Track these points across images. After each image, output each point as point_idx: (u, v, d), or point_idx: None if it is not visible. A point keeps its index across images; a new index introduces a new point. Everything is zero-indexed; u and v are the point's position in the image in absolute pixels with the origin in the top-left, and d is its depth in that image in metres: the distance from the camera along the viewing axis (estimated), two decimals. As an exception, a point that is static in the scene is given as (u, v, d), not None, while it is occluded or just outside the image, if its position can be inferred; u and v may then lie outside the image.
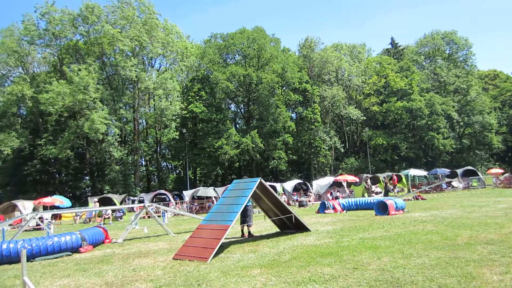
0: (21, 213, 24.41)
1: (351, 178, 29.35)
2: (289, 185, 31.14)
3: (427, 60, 58.91)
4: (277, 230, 11.33)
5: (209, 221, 8.79)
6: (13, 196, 35.72)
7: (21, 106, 43.59)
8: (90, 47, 41.70)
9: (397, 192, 26.13)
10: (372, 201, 16.67)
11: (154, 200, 28.30)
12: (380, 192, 27.29)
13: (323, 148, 47.70)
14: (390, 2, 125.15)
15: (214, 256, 7.40)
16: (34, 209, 24.63)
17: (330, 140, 49.34)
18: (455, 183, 30.92)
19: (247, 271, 6.07)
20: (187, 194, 29.77)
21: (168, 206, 25.22)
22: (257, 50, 44.93)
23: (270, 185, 11.45)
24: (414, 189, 26.89)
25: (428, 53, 58.50)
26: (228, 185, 27.39)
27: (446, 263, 5.64)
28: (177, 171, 57.24)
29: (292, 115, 51.23)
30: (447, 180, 31.08)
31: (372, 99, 54.31)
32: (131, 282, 5.97)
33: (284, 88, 49.78)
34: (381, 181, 29.37)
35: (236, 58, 48.79)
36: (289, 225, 10.86)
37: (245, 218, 10.33)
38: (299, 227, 10.64)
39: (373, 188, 28.24)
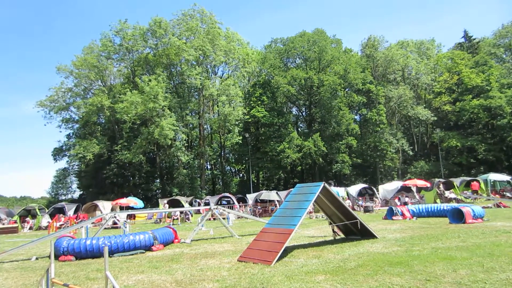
0: (101, 212, 26.68)
1: (421, 182, 27.63)
2: (354, 189, 30.22)
3: (508, 53, 53.57)
4: (342, 235, 11.06)
5: (273, 224, 8.86)
6: (94, 197, 39.12)
7: (100, 116, 47.67)
8: (159, 59, 44.50)
9: (474, 199, 24.05)
10: (445, 208, 15.57)
11: (219, 203, 29.16)
12: (455, 198, 25.34)
13: (390, 151, 45.62)
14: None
15: (278, 260, 7.43)
16: (112, 209, 26.77)
17: (397, 143, 47.00)
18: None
19: (311, 277, 6.01)
20: (251, 197, 30.25)
21: (232, 209, 25.84)
22: (318, 53, 44.44)
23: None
24: (495, 195, 24.55)
25: (508, 45, 53.17)
26: (290, 189, 27.37)
27: (534, 278, 5.10)
28: (241, 174, 58.45)
29: (356, 117, 49.77)
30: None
31: (443, 98, 50.67)
32: (198, 281, 6.22)
33: (346, 90, 48.60)
34: (456, 187, 27.26)
35: (296, 62, 48.72)
36: (354, 231, 10.55)
37: None
38: (365, 234, 10.28)
39: (447, 193, 26.31)
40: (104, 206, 28.58)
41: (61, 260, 9.36)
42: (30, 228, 26.41)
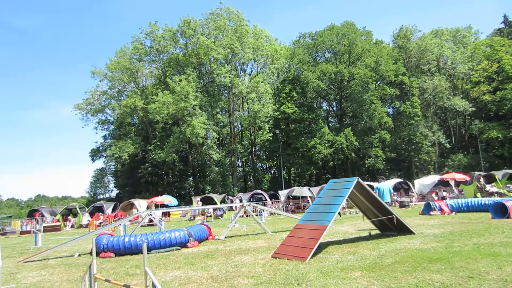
0: (137, 210, 27.55)
1: (460, 176, 26.51)
2: (388, 184, 29.45)
3: (552, 37, 50.31)
4: (377, 231, 10.82)
5: (306, 220, 8.80)
6: (130, 195, 40.44)
7: (134, 116, 49.15)
8: (188, 59, 45.23)
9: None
10: (487, 202, 14.89)
11: (251, 200, 29.33)
12: (497, 192, 24.14)
13: (425, 144, 44.10)
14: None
15: (312, 256, 7.37)
16: (148, 207, 27.56)
17: (433, 136, 45.34)
18: None
19: (347, 273, 5.93)
20: (283, 193, 30.19)
21: (265, 206, 25.91)
22: (348, 46, 43.57)
23: (367, 185, 10.99)
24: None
25: (553, 29, 49.95)
26: (323, 185, 27.10)
27: None
28: (272, 171, 58.48)
29: (389, 110, 48.43)
30: None
31: (482, 87, 48.25)
32: (234, 277, 6.28)
33: (378, 83, 47.41)
34: (498, 180, 25.94)
35: (326, 56, 48.04)
36: (390, 227, 10.29)
37: None
38: (401, 229, 10.01)
39: (488, 187, 25.12)
40: (140, 204, 29.50)
41: (102, 257, 9.72)
42: (72, 226, 27.70)
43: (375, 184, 29.68)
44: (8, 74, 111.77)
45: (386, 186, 13.40)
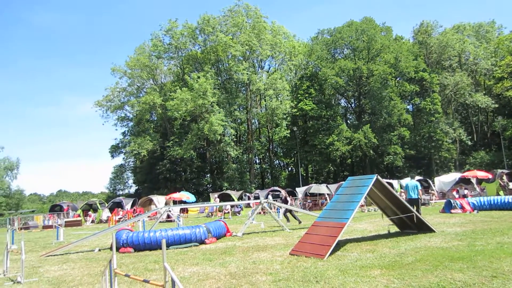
0: (156, 206, 27.97)
1: (482, 174, 25.82)
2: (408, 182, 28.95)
3: None
4: (397, 229, 10.67)
5: (324, 218, 8.75)
6: (149, 191, 41.03)
7: (153, 113, 49.78)
8: (207, 56, 45.46)
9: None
10: (510, 200, 14.48)
11: (268, 197, 29.34)
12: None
13: (446, 142, 43.12)
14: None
15: (331, 253, 7.33)
16: (166, 203, 27.93)
17: (454, 133, 44.28)
18: None
19: (366, 271, 5.87)
20: (300, 191, 30.12)
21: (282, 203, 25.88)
22: (367, 42, 42.91)
23: (386, 182, 10.85)
24: None
25: None
26: (341, 182, 26.88)
27: None
28: (289, 168, 58.32)
29: (408, 107, 47.56)
30: None
31: (505, 83, 46.75)
32: (252, 274, 6.30)
33: (398, 79, 46.59)
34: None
35: (344, 52, 47.45)
36: (410, 225, 10.14)
37: None
38: (422, 228, 9.85)
39: (511, 185, 24.41)
40: (159, 200, 29.94)
41: (121, 252, 9.90)
42: (92, 221, 28.34)
43: (395, 182, 29.31)
44: (24, 76, 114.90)
45: (414, 183, 13.31)
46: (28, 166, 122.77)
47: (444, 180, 28.19)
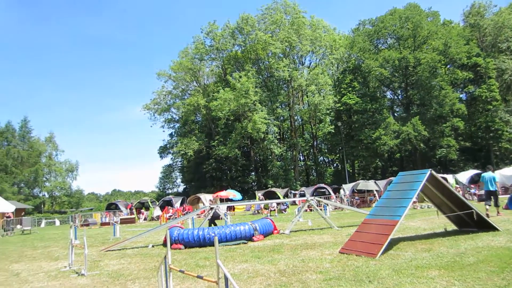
0: (203, 204, 28.66)
1: (550, 165, 23.78)
2: (464, 176, 27.41)
3: None
4: (454, 227, 10.06)
5: (375, 215, 8.44)
6: (196, 190, 42.16)
7: (197, 114, 51.03)
8: (247, 55, 45.80)
9: None
10: None
11: (314, 194, 28.99)
12: None
13: (506, 131, 40.10)
14: None
15: (383, 252, 7.04)
16: (213, 201, 28.48)
17: (515, 121, 41.11)
18: None
19: (423, 272, 5.56)
20: (347, 187, 29.43)
21: (328, 200, 25.46)
22: (412, 29, 40.99)
23: (441, 177, 10.27)
24: None
25: None
26: (390, 178, 25.96)
27: None
28: (335, 164, 57.28)
29: (461, 96, 44.78)
30: None
31: None
32: (301, 272, 6.21)
33: (448, 66, 44.03)
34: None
35: (388, 42, 45.71)
36: (469, 223, 9.50)
37: None
38: (483, 225, 9.18)
39: None
40: (206, 198, 30.65)
41: (172, 248, 10.18)
42: (145, 219, 29.60)
43: (449, 176, 27.79)
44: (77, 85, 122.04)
45: (491, 174, 12.57)
46: (86, 167, 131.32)
47: (506, 173, 26.12)
